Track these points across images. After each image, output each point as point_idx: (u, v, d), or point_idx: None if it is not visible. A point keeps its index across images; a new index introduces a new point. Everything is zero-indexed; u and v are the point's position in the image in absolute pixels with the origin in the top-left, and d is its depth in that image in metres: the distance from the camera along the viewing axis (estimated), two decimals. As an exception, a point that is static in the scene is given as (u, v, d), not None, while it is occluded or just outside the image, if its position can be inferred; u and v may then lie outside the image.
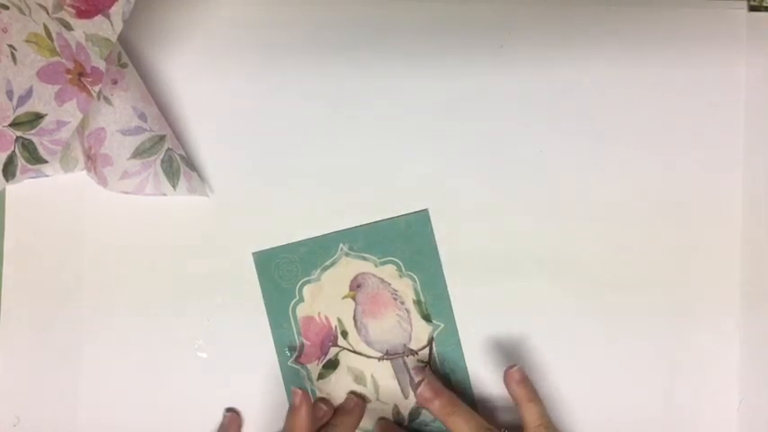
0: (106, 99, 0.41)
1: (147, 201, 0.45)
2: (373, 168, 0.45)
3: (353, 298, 0.44)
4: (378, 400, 0.44)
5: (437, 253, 0.44)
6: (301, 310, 0.44)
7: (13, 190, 0.46)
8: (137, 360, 0.45)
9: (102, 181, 0.42)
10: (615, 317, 0.45)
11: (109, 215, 0.45)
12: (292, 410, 0.40)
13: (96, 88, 0.39)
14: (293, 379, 0.43)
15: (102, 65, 0.38)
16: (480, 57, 0.45)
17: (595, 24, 0.45)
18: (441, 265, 0.44)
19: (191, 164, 0.45)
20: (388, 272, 0.44)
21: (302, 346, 0.44)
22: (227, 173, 0.46)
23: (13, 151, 0.38)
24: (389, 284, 0.44)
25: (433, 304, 0.44)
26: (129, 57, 0.43)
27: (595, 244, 0.45)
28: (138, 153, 0.42)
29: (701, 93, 0.45)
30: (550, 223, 0.45)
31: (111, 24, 0.38)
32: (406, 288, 0.44)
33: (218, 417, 0.45)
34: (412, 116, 0.45)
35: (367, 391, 0.44)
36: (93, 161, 0.42)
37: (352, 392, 0.44)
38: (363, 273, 0.44)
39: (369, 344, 0.44)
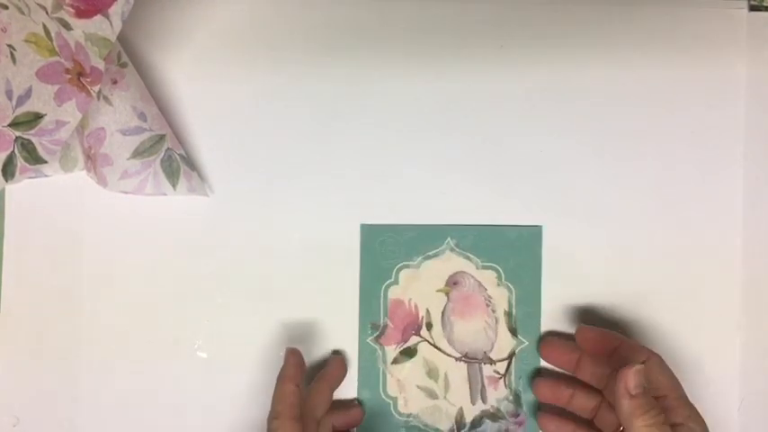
0: (106, 99, 0.41)
1: (147, 201, 0.45)
2: (371, 168, 0.45)
3: (447, 294, 0.44)
4: (445, 398, 0.44)
5: (540, 270, 0.44)
6: (393, 293, 0.44)
7: (12, 190, 0.45)
8: (136, 360, 0.45)
9: (102, 181, 0.42)
10: (614, 317, 0.45)
11: (109, 215, 0.45)
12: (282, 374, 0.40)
13: (96, 88, 0.39)
14: (368, 356, 0.44)
15: (101, 65, 0.38)
16: (480, 57, 0.45)
17: (595, 24, 0.45)
18: (540, 283, 0.44)
19: (191, 163, 0.45)
20: (487, 277, 0.44)
21: (385, 327, 0.44)
22: (227, 173, 0.46)
23: (13, 151, 0.38)
24: (486, 290, 0.44)
25: (523, 320, 0.44)
26: (129, 57, 0.43)
27: (595, 244, 0.45)
28: (138, 153, 0.42)
29: (701, 93, 0.45)
30: (550, 223, 0.45)
31: (111, 24, 0.38)
32: (500, 297, 0.44)
33: (216, 417, 0.45)
34: (411, 117, 0.45)
35: (437, 387, 0.44)
36: (93, 161, 0.42)
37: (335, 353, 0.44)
38: (463, 272, 0.44)
39: (450, 342, 0.44)
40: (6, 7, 0.36)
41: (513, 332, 0.44)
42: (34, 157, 0.38)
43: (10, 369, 0.45)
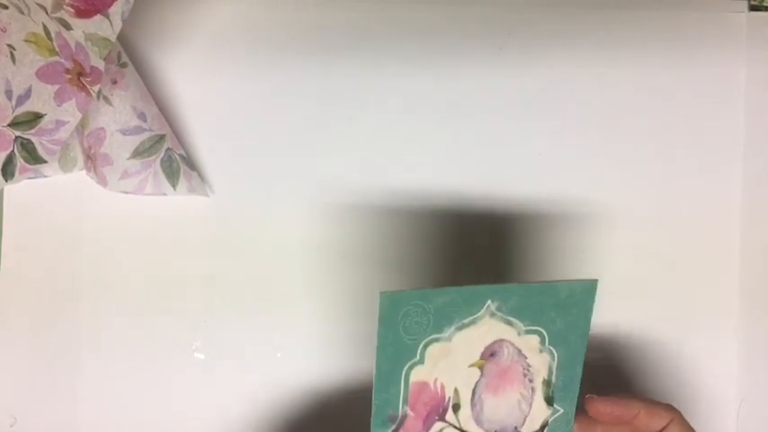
0: (106, 99, 0.41)
1: (146, 201, 0.45)
2: (372, 169, 0.45)
3: (481, 368, 0.36)
4: None
5: (587, 329, 0.37)
6: (416, 374, 0.35)
7: (12, 190, 0.46)
8: (135, 360, 0.45)
9: (102, 181, 0.42)
10: (613, 318, 0.45)
11: (109, 215, 0.45)
12: None
13: (95, 88, 0.39)
14: None
15: (101, 64, 0.38)
16: (480, 58, 0.45)
17: (595, 25, 0.45)
18: (585, 343, 0.37)
19: (191, 164, 0.45)
20: (530, 343, 0.36)
21: (405, 417, 0.35)
22: (227, 173, 0.46)
23: (13, 151, 0.38)
24: (525, 358, 0.37)
25: (562, 387, 0.37)
26: (128, 56, 0.43)
27: (594, 245, 0.45)
28: (138, 153, 0.42)
29: (701, 93, 0.45)
30: (550, 224, 0.45)
31: (111, 24, 0.38)
32: (541, 365, 0.37)
33: (214, 418, 0.45)
34: (411, 117, 0.45)
35: None
36: (93, 161, 0.42)
37: None
38: (502, 340, 0.36)
39: (478, 422, 0.37)
40: (6, 7, 0.36)
41: (549, 401, 0.38)
42: (34, 157, 0.39)
43: (8, 368, 0.45)
